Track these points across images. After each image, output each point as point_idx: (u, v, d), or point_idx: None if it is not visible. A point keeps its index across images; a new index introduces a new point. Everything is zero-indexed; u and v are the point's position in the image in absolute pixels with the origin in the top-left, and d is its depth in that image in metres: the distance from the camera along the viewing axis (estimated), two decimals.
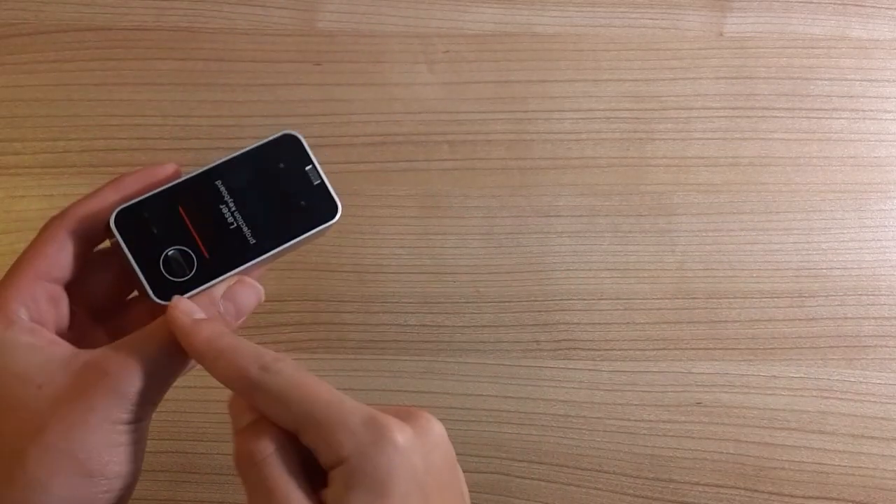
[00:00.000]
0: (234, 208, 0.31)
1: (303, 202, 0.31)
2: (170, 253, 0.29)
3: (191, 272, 0.29)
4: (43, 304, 0.29)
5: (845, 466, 0.49)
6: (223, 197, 0.30)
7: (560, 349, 0.50)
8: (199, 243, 0.30)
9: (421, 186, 0.52)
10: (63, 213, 0.30)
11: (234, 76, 0.52)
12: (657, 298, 0.51)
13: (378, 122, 0.52)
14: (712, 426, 0.49)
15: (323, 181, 0.32)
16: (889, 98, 0.54)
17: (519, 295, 0.50)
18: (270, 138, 0.32)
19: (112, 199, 0.30)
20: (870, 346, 0.50)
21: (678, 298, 0.51)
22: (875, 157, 0.53)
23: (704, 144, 0.53)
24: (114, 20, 0.53)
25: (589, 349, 0.50)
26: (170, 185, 0.30)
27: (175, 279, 0.29)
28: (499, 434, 0.49)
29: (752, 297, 0.51)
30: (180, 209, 0.30)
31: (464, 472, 0.30)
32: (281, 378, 0.26)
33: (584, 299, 0.51)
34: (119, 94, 0.52)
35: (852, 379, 0.50)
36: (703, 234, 0.52)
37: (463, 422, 0.49)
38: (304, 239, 0.31)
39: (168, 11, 0.53)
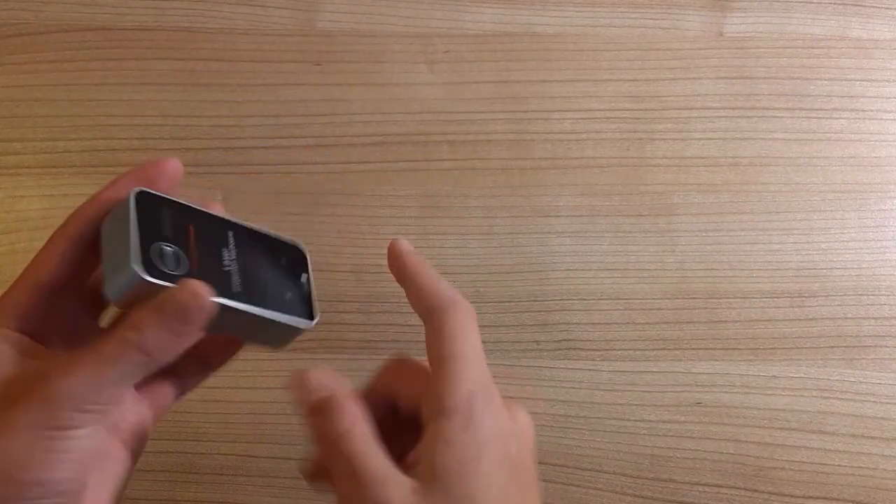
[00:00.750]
0: (233, 257, 0.31)
1: (289, 294, 0.33)
2: (166, 247, 0.29)
3: (174, 271, 0.28)
4: (39, 312, 0.29)
5: (845, 466, 0.49)
6: (229, 244, 0.31)
7: (560, 349, 0.50)
8: (193, 259, 0.29)
9: (421, 186, 0.52)
10: (64, 222, 0.30)
11: (234, 76, 0.52)
12: (657, 298, 0.51)
13: (378, 122, 0.52)
14: (712, 426, 0.49)
15: (311, 293, 0.34)
16: (889, 98, 0.54)
17: (519, 295, 0.50)
18: (284, 238, 0.34)
19: (112, 198, 0.30)
20: (870, 346, 0.50)
21: (678, 298, 0.51)
22: (875, 157, 0.53)
23: (704, 144, 0.53)
24: (114, 20, 0.53)
25: (589, 349, 0.50)
26: (191, 204, 0.31)
27: (158, 266, 0.28)
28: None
29: (752, 297, 0.51)
30: (191, 227, 0.30)
31: None
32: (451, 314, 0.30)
33: (584, 299, 0.51)
34: (119, 94, 0.52)
35: (852, 379, 0.50)
36: (703, 234, 0.52)
37: None
38: (277, 320, 0.31)
39: (168, 11, 0.53)
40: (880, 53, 0.55)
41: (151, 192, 0.29)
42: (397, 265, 0.32)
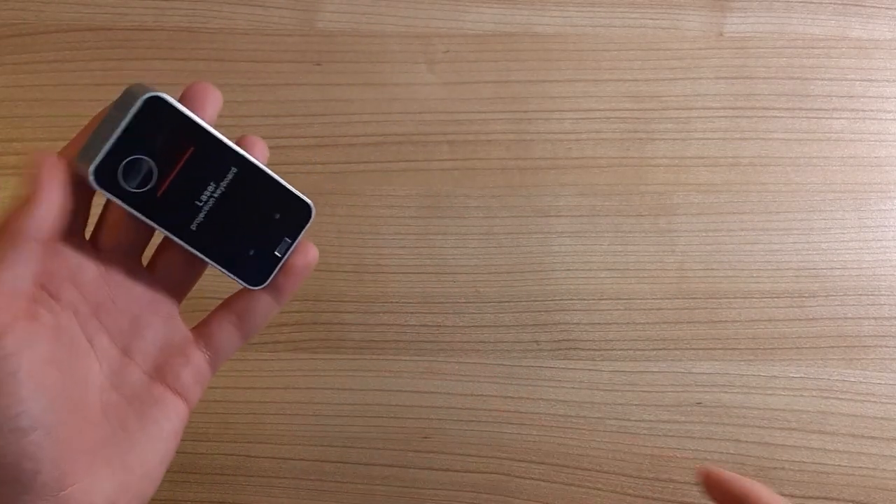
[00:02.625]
0: (216, 194, 0.29)
1: (252, 251, 0.31)
2: (142, 159, 0.28)
3: (134, 187, 0.28)
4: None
5: (845, 466, 0.49)
6: (222, 179, 0.30)
7: (560, 349, 0.50)
8: (167, 181, 0.28)
9: (421, 186, 0.52)
10: (49, 165, 0.28)
11: (234, 76, 0.52)
12: (657, 298, 0.51)
13: (378, 122, 0.52)
14: (712, 426, 0.49)
15: (284, 258, 0.32)
16: (889, 98, 0.54)
17: (519, 295, 0.50)
18: (296, 192, 0.32)
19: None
20: (870, 346, 0.50)
21: (678, 298, 0.51)
22: (875, 157, 0.53)
23: (704, 144, 0.53)
24: (114, 20, 0.53)
25: (589, 349, 0.50)
26: (207, 127, 0.29)
27: (118, 178, 0.27)
28: (499, 434, 0.49)
29: (752, 297, 0.51)
30: (190, 149, 0.29)
31: (464, 472, 0.30)
32: None
33: (584, 299, 0.51)
34: (119, 94, 0.52)
35: (852, 379, 0.50)
36: (703, 234, 0.52)
37: (463, 422, 0.49)
38: (222, 272, 0.31)
39: (168, 11, 0.53)
40: (880, 53, 0.55)
41: (168, 100, 0.28)
42: (719, 489, 0.34)
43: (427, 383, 0.49)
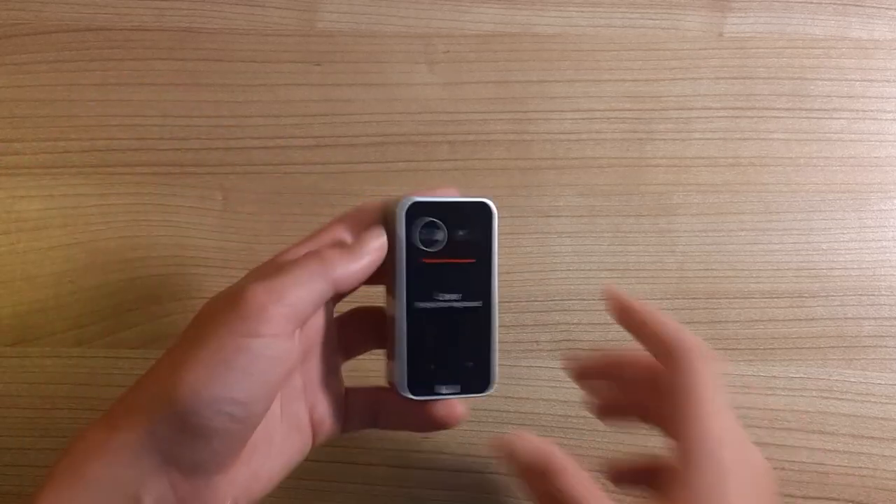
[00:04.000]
0: (451, 304, 0.34)
1: (426, 367, 0.34)
2: (437, 229, 0.32)
3: (414, 239, 0.32)
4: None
5: (845, 466, 0.49)
6: (464, 299, 0.34)
7: (560, 349, 0.50)
8: (434, 260, 0.33)
9: (421, 186, 0.52)
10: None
11: (234, 76, 0.52)
12: (657, 298, 0.51)
13: (378, 122, 0.52)
14: None
15: (445, 395, 0.35)
16: (889, 98, 0.54)
17: (519, 295, 0.50)
18: (494, 366, 0.35)
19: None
20: (870, 346, 0.50)
21: (678, 298, 0.51)
22: (875, 157, 0.53)
23: (704, 144, 0.53)
24: (114, 20, 0.53)
25: (589, 349, 0.50)
26: (496, 263, 0.34)
27: (419, 242, 0.32)
28: (499, 434, 0.49)
29: (752, 297, 0.51)
30: (472, 260, 0.33)
31: (464, 472, 0.30)
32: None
33: (584, 299, 0.51)
34: (119, 94, 0.52)
35: (852, 379, 0.50)
36: (703, 234, 0.52)
37: (463, 422, 0.49)
38: (393, 352, 0.34)
39: (168, 12, 0.53)
40: (880, 53, 0.55)
41: (493, 211, 0.34)
42: (627, 310, 0.37)
43: None
